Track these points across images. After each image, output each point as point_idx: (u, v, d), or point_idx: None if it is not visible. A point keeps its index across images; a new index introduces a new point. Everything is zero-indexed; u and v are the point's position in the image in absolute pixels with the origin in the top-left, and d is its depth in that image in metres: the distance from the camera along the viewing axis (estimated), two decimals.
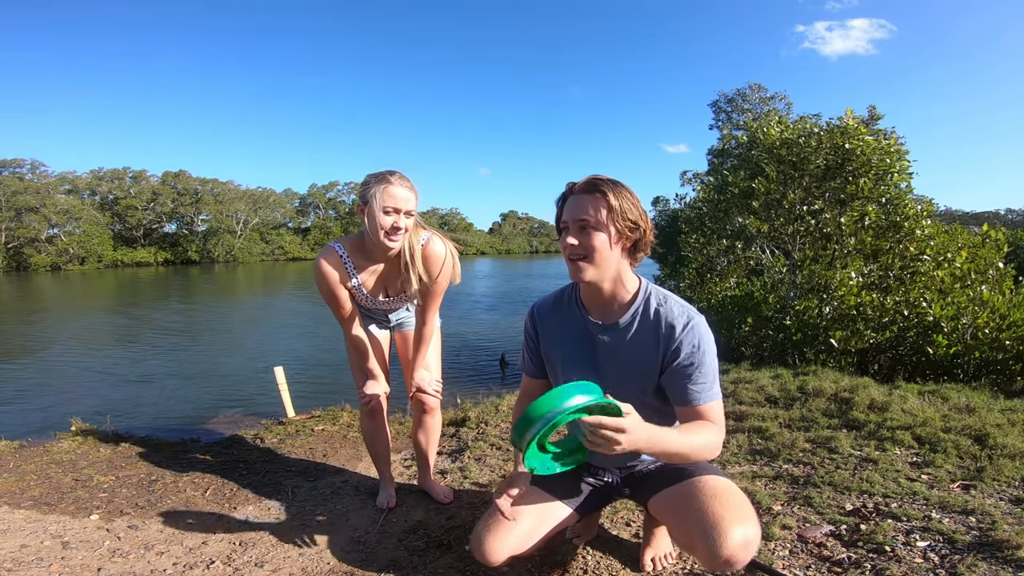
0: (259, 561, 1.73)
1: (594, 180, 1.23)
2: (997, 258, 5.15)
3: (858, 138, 4.86)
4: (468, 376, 6.52)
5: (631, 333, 1.32)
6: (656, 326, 1.29)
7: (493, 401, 3.44)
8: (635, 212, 1.23)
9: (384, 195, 1.71)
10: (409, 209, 1.74)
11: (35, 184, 44.73)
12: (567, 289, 1.45)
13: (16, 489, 2.29)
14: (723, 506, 1.19)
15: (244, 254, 50.84)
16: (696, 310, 1.33)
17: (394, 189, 1.71)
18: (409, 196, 1.74)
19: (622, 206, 1.21)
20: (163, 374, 7.07)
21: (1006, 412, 2.86)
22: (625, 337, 1.33)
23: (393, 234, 1.74)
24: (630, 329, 1.32)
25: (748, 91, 29.23)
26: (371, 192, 1.72)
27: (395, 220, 1.72)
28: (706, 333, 1.29)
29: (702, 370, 1.26)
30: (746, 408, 3.07)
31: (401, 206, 1.72)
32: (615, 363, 1.35)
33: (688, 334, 1.27)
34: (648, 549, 1.62)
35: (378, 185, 1.72)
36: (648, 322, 1.31)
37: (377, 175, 1.75)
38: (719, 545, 1.13)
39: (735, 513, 1.18)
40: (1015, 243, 10.68)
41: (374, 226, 1.73)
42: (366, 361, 1.98)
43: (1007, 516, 1.77)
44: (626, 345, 1.33)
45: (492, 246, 78.10)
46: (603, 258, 1.24)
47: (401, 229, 1.74)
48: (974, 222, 11.08)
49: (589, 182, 1.23)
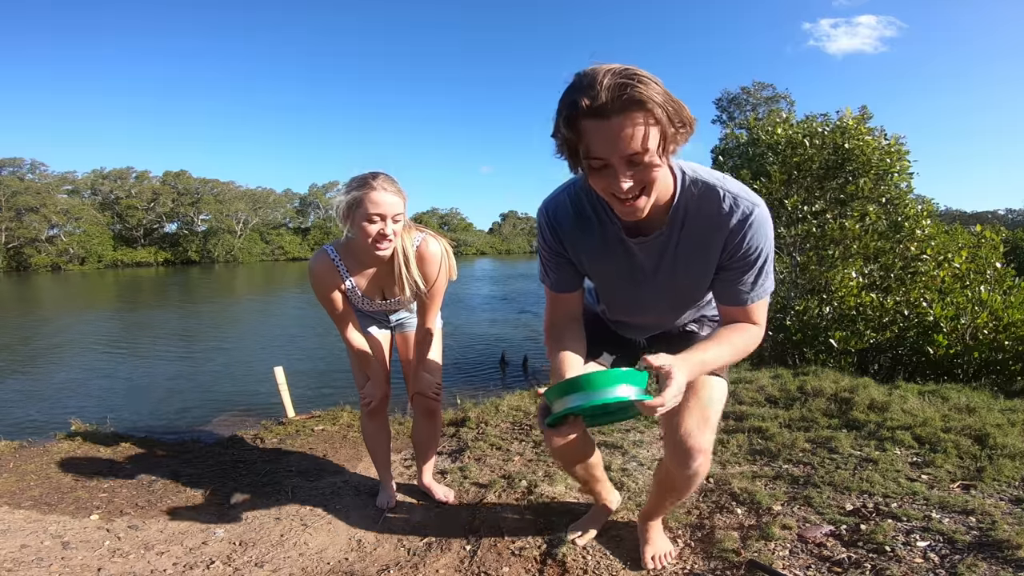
0: (259, 561, 1.73)
1: (625, 84, 0.87)
2: (995, 258, 5.16)
3: (858, 138, 4.86)
4: (468, 376, 6.52)
5: (677, 243, 1.13)
6: (708, 227, 1.09)
7: (493, 401, 3.43)
8: (680, 108, 0.92)
9: (368, 202, 1.60)
10: (396, 214, 1.64)
11: (35, 184, 44.80)
12: (584, 191, 1.16)
13: (16, 489, 2.29)
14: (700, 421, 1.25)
15: (244, 254, 50.88)
16: (754, 193, 1.10)
17: (377, 195, 1.60)
18: (395, 200, 1.64)
19: (669, 112, 0.90)
20: (163, 374, 7.07)
21: (1006, 412, 2.86)
22: (669, 248, 1.14)
23: (380, 241, 1.65)
24: (674, 237, 1.13)
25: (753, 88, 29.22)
26: (354, 199, 1.62)
27: (381, 228, 1.63)
28: (767, 225, 1.09)
29: (758, 267, 1.11)
30: (746, 408, 3.07)
31: (387, 212, 1.62)
32: (659, 280, 1.20)
33: (749, 232, 1.07)
34: (647, 547, 1.62)
35: (360, 191, 1.61)
36: (698, 223, 1.10)
37: (359, 180, 1.65)
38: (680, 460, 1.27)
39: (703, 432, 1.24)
40: (1014, 243, 10.69)
41: (360, 234, 1.65)
42: (366, 362, 1.97)
43: (1007, 516, 1.77)
44: (672, 257, 1.15)
45: (492, 246, 78.08)
46: (660, 183, 1.01)
47: (388, 236, 1.64)
48: (974, 222, 11.07)
49: (622, 93, 0.87)
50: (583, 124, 0.90)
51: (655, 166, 0.94)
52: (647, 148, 0.91)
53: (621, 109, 0.88)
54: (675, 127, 0.92)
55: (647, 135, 0.90)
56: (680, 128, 0.94)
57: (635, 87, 0.87)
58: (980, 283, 4.72)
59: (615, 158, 0.92)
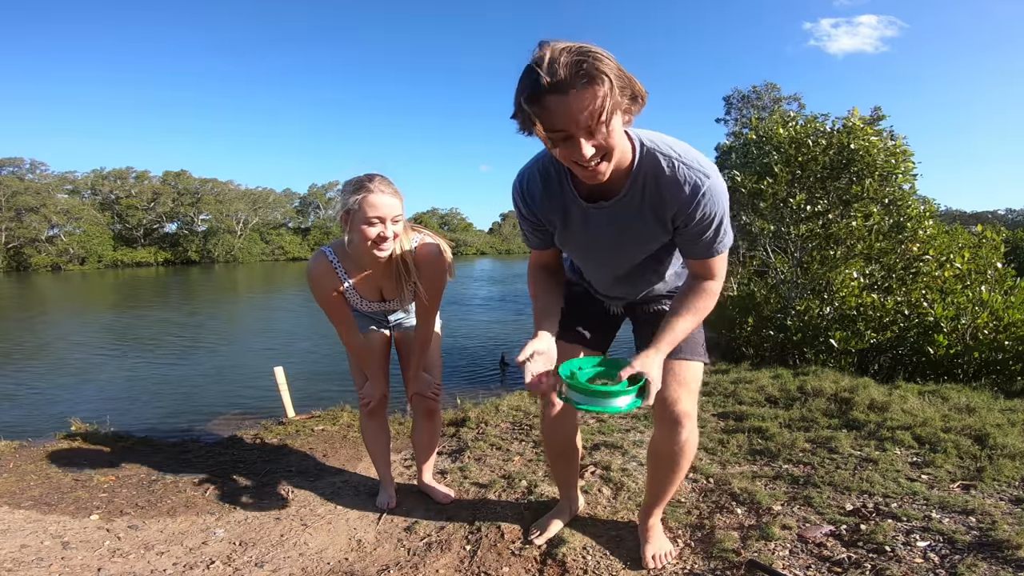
0: (259, 561, 1.74)
1: (581, 61, 0.94)
2: (995, 258, 5.17)
3: (863, 138, 4.85)
4: (468, 376, 6.51)
5: (633, 208, 1.22)
6: (661, 194, 1.17)
7: (493, 401, 3.43)
8: (632, 82, 1.01)
9: (366, 205, 1.59)
10: (395, 215, 1.63)
11: (35, 184, 44.79)
12: (551, 162, 1.26)
13: (16, 489, 2.29)
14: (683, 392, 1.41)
15: (244, 254, 50.87)
16: (708, 161, 1.18)
17: (375, 198, 1.60)
18: (393, 202, 1.63)
19: (620, 82, 0.98)
20: (163, 374, 7.06)
21: (1006, 412, 2.87)
22: (629, 211, 1.22)
23: (380, 244, 1.64)
24: (634, 202, 1.20)
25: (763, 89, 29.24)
26: (352, 202, 1.61)
27: (381, 230, 1.62)
28: (720, 193, 1.17)
29: (713, 229, 1.20)
30: (746, 408, 3.07)
31: (386, 214, 1.61)
32: (617, 238, 1.29)
33: (702, 201, 1.15)
34: (648, 546, 1.63)
35: (358, 194, 1.61)
36: (653, 190, 1.18)
37: (356, 182, 1.64)
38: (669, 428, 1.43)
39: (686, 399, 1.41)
40: (1014, 243, 10.69)
41: (359, 237, 1.64)
42: (365, 362, 1.97)
43: (1007, 516, 1.77)
44: (629, 220, 1.24)
45: (492, 246, 78.10)
46: (618, 150, 1.08)
47: (388, 238, 1.64)
48: (974, 222, 11.08)
49: (579, 69, 0.94)
50: (545, 100, 0.97)
51: (612, 129, 1.02)
52: (604, 118, 0.98)
53: (579, 84, 0.94)
54: (628, 99, 1.01)
55: (603, 106, 0.96)
56: (632, 100, 1.02)
57: (590, 63, 0.94)
58: (981, 283, 4.73)
59: (575, 128, 0.99)
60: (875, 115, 6.33)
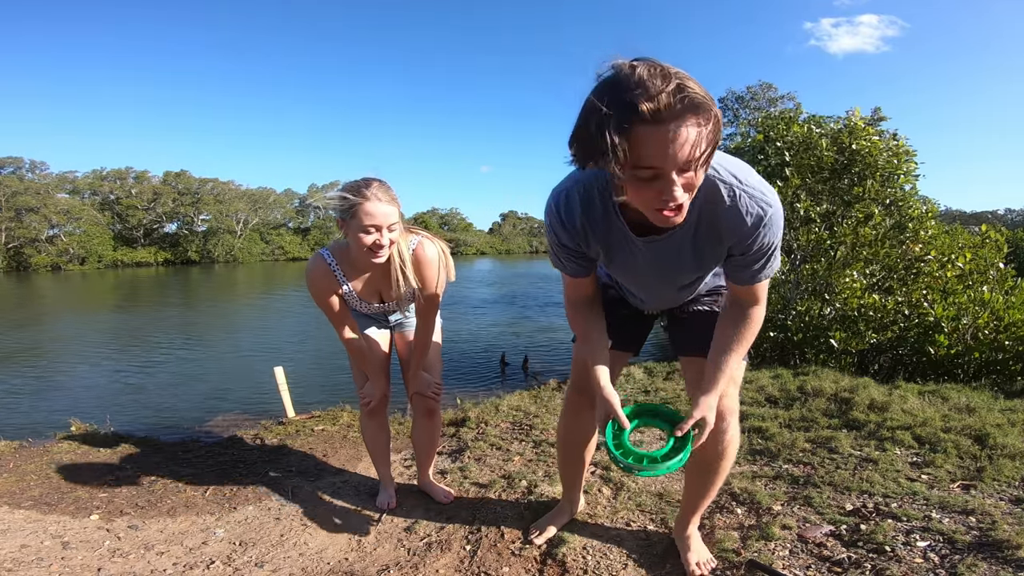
0: (259, 561, 1.74)
1: (682, 87, 0.79)
2: (997, 258, 5.16)
3: (865, 138, 4.84)
4: (468, 376, 6.51)
5: (687, 240, 1.12)
6: (720, 225, 1.07)
7: (493, 401, 3.43)
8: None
9: (362, 213, 1.59)
10: (391, 223, 1.63)
11: (35, 184, 44.75)
12: (592, 185, 1.11)
13: (16, 489, 2.29)
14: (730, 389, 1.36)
15: (244, 254, 50.82)
16: (768, 187, 1.07)
17: (371, 206, 1.59)
18: (390, 210, 1.63)
19: (717, 114, 0.84)
20: (163, 374, 7.07)
21: (1006, 412, 2.87)
22: (682, 243, 1.13)
23: (376, 251, 1.64)
24: (686, 235, 1.11)
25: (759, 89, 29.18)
26: (348, 209, 1.61)
27: (377, 238, 1.62)
28: (780, 221, 1.08)
29: (767, 256, 1.12)
30: (746, 408, 3.07)
31: (382, 222, 1.61)
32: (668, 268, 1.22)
33: (762, 231, 1.06)
34: (691, 554, 1.60)
35: (355, 201, 1.60)
36: (710, 223, 1.08)
37: (353, 188, 1.63)
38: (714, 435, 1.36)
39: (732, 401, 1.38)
40: (1015, 243, 10.69)
41: (355, 244, 1.65)
42: (365, 362, 1.97)
43: (1007, 516, 1.77)
44: (683, 250, 1.15)
45: (492, 246, 78.01)
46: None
47: (384, 245, 1.64)
48: (974, 222, 11.08)
49: (682, 96, 0.79)
50: (639, 130, 0.80)
51: (703, 166, 0.87)
52: (705, 155, 0.85)
53: (680, 114, 0.80)
54: (719, 129, 0.87)
55: (700, 140, 0.83)
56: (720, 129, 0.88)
57: (691, 89, 0.80)
58: (982, 283, 4.72)
59: (672, 165, 0.84)
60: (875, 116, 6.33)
